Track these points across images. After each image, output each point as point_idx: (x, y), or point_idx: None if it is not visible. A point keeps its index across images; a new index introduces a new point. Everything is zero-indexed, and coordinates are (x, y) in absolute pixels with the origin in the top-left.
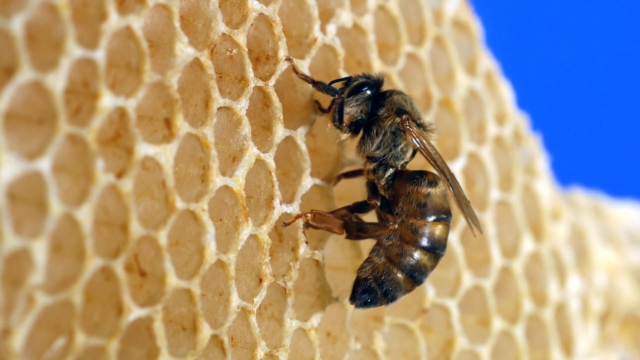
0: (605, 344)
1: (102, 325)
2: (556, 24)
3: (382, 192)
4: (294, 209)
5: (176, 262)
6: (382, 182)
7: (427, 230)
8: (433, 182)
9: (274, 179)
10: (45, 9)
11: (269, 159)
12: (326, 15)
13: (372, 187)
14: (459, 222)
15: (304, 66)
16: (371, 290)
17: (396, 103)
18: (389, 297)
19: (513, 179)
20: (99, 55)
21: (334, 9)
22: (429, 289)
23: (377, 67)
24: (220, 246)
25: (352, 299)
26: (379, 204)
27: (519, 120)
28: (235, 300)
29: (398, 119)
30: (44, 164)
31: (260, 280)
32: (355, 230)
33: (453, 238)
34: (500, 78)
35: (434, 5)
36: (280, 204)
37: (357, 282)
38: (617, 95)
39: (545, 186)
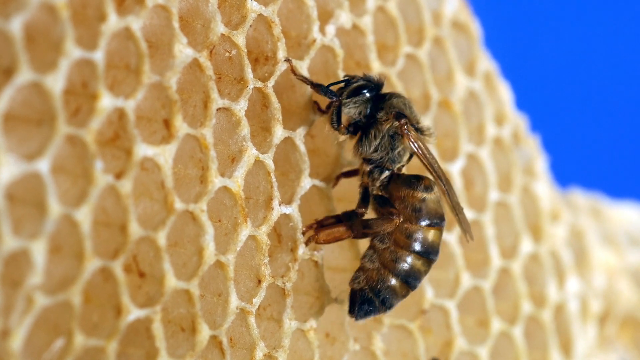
0: (604, 345)
1: (101, 326)
2: (555, 24)
3: (379, 193)
4: (292, 209)
5: (175, 263)
6: (377, 184)
7: (421, 235)
8: (429, 187)
9: (273, 179)
10: (45, 10)
11: (268, 159)
12: (325, 16)
13: (364, 194)
14: (457, 223)
15: (303, 67)
16: (369, 300)
17: (395, 106)
18: (386, 304)
19: (512, 180)
20: (98, 56)
21: (333, 10)
22: (428, 290)
23: (376, 67)
24: (219, 247)
25: (352, 311)
26: (365, 212)
27: (518, 121)
28: (234, 301)
29: (397, 123)
30: (43, 165)
31: (259, 281)
32: (360, 229)
33: (452, 239)
34: (499, 79)
35: (433, 6)
36: (279, 204)
37: (354, 294)
38: (616, 95)
39: (544, 187)
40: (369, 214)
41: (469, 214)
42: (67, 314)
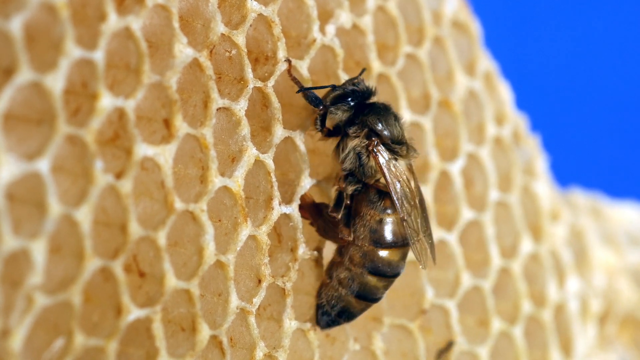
0: (604, 345)
1: (101, 326)
2: (555, 24)
3: (347, 201)
4: (293, 209)
5: (175, 263)
6: (349, 191)
7: (376, 256)
8: (389, 208)
9: (273, 179)
10: (44, 10)
11: (268, 159)
12: (325, 16)
13: (338, 198)
14: (459, 221)
15: (303, 67)
16: (328, 313)
17: (369, 124)
18: (343, 317)
19: (512, 179)
20: (98, 55)
21: (333, 9)
22: (428, 290)
23: (376, 67)
24: (219, 247)
25: (317, 322)
26: (338, 217)
27: (518, 120)
28: (234, 301)
29: (365, 142)
30: (43, 165)
31: (259, 281)
32: (322, 227)
33: (452, 239)
34: (499, 79)
35: (433, 6)
36: (280, 204)
37: (317, 307)
38: (616, 95)
39: (544, 187)
40: None
41: (468, 213)
42: (67, 313)
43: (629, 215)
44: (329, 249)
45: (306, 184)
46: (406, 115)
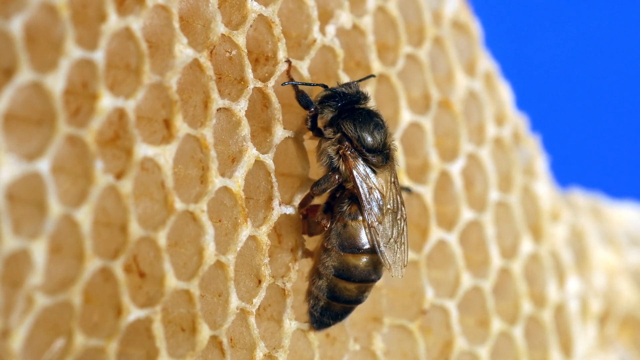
0: (604, 345)
1: (101, 326)
2: (555, 24)
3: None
4: (293, 210)
5: (175, 263)
6: (325, 188)
7: (343, 260)
8: (355, 214)
9: (273, 180)
10: (45, 10)
11: (268, 160)
12: (325, 16)
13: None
14: (458, 222)
15: (304, 67)
16: (313, 314)
17: (342, 128)
18: (326, 316)
19: (512, 180)
20: (99, 56)
21: (334, 10)
22: (428, 290)
23: (376, 68)
24: (219, 247)
25: (311, 324)
26: (314, 195)
27: (518, 121)
28: (234, 301)
29: (337, 145)
30: (44, 165)
31: (260, 281)
32: (308, 226)
33: (452, 239)
34: (499, 79)
35: (433, 6)
36: (280, 205)
37: (308, 311)
38: (616, 95)
39: (544, 187)
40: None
41: (469, 214)
42: (67, 314)
43: (629, 216)
44: None
45: (306, 184)
46: (406, 115)
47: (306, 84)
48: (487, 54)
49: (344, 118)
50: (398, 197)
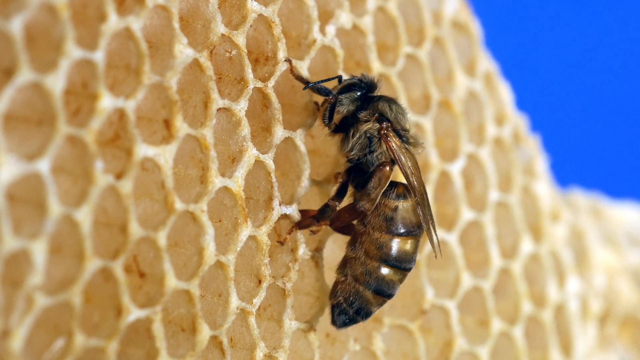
0: (604, 345)
1: (101, 326)
2: (555, 24)
3: (353, 195)
4: (293, 210)
5: (175, 263)
6: (354, 184)
7: (392, 246)
8: (402, 195)
9: (273, 180)
10: (45, 10)
11: (268, 160)
12: (325, 17)
13: (341, 188)
14: (458, 222)
15: (303, 67)
16: (345, 311)
17: (379, 109)
18: (362, 314)
19: (512, 180)
20: (99, 56)
21: (334, 10)
22: (428, 290)
23: (376, 68)
24: (219, 247)
25: (332, 322)
26: (337, 205)
27: (518, 121)
28: (234, 302)
29: (377, 125)
30: (44, 165)
31: (260, 282)
32: (324, 216)
33: (452, 239)
34: (499, 79)
35: (433, 6)
36: (280, 205)
37: (332, 307)
38: (616, 96)
39: (544, 187)
40: None
41: (469, 214)
42: (67, 314)
43: (629, 216)
44: (329, 249)
45: (306, 184)
46: None
47: (323, 80)
48: (487, 54)
49: (376, 101)
50: (421, 177)
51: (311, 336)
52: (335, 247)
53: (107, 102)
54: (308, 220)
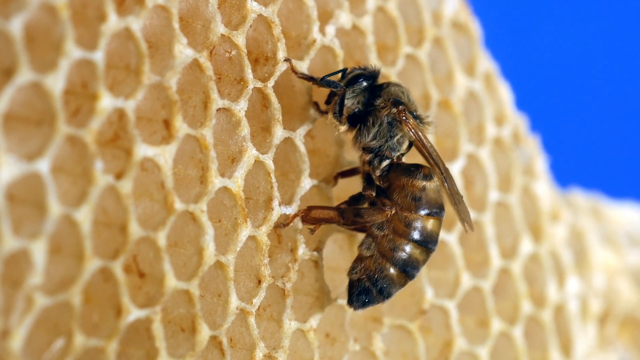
0: (604, 345)
1: (101, 326)
2: (555, 25)
3: (378, 183)
4: (292, 210)
5: (175, 263)
6: (377, 173)
7: (420, 224)
8: (428, 176)
9: (273, 180)
10: (45, 10)
11: (268, 160)
12: (325, 17)
13: (368, 178)
14: (457, 223)
15: (303, 67)
16: (367, 290)
17: (393, 94)
18: (384, 294)
19: (512, 180)
20: (98, 56)
21: (333, 10)
22: (428, 290)
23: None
24: (219, 247)
25: (350, 302)
26: (374, 194)
27: (518, 121)
28: (234, 302)
29: (394, 110)
30: (43, 165)
31: (259, 282)
32: (351, 216)
33: (452, 239)
34: (499, 79)
35: (433, 7)
36: (279, 205)
37: (352, 285)
38: (616, 96)
39: (544, 187)
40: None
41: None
42: (67, 314)
43: (629, 216)
44: (329, 249)
45: (306, 184)
46: None
47: (330, 75)
48: (487, 54)
49: (386, 87)
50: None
51: (311, 336)
52: (335, 247)
53: (106, 102)
54: (330, 212)
